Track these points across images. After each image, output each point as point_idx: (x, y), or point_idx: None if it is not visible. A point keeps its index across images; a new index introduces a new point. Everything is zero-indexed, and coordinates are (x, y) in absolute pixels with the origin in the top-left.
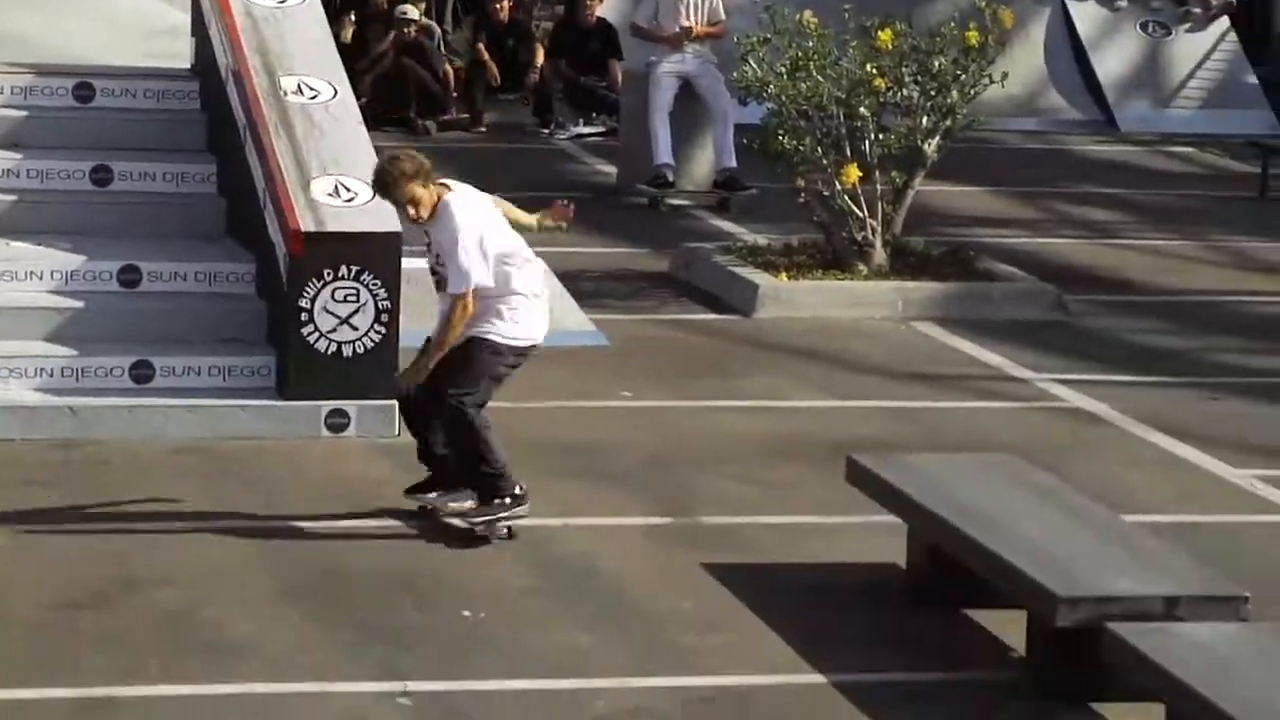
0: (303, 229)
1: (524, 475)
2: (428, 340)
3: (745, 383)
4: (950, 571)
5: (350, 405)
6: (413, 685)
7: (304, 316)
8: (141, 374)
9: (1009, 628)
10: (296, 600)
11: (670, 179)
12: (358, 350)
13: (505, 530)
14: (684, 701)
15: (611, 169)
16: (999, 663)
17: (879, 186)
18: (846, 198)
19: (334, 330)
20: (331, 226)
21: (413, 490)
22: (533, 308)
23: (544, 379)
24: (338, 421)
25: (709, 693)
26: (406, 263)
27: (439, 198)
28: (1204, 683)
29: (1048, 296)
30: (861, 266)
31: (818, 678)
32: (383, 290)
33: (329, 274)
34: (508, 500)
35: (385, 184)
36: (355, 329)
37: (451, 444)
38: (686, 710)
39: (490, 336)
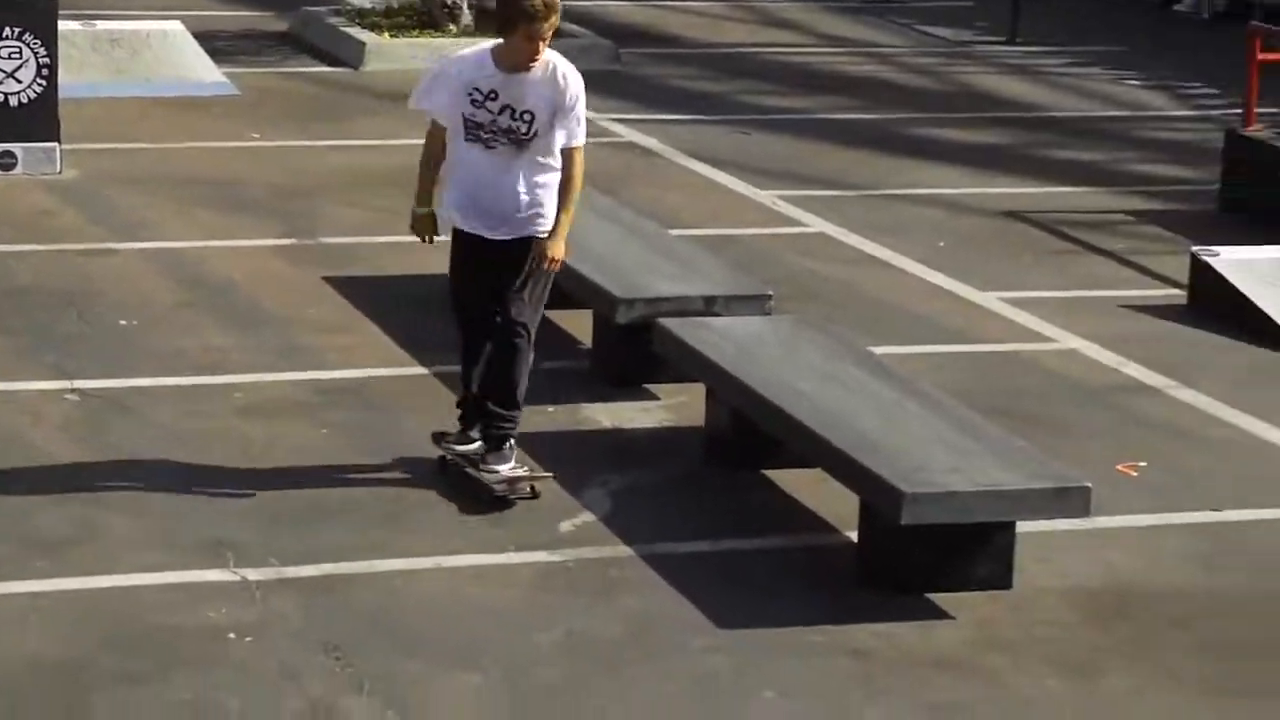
0: None
1: (171, 208)
2: (479, 240)
3: (356, 125)
4: None
5: (17, 147)
6: (80, 383)
7: None
8: None
9: (578, 324)
10: None
11: None
12: (22, 100)
13: (529, 489)
14: (313, 391)
15: None
16: (572, 354)
17: None
18: None
19: (1, 83)
20: None
21: (446, 438)
22: None
23: (183, 124)
24: (7, 161)
25: (332, 384)
26: (63, 25)
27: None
28: (735, 366)
29: (605, 49)
30: (451, 26)
31: (421, 370)
32: (43, 49)
33: None
34: (513, 442)
35: (539, 12)
36: (20, 82)
37: (500, 367)
38: (314, 398)
39: None
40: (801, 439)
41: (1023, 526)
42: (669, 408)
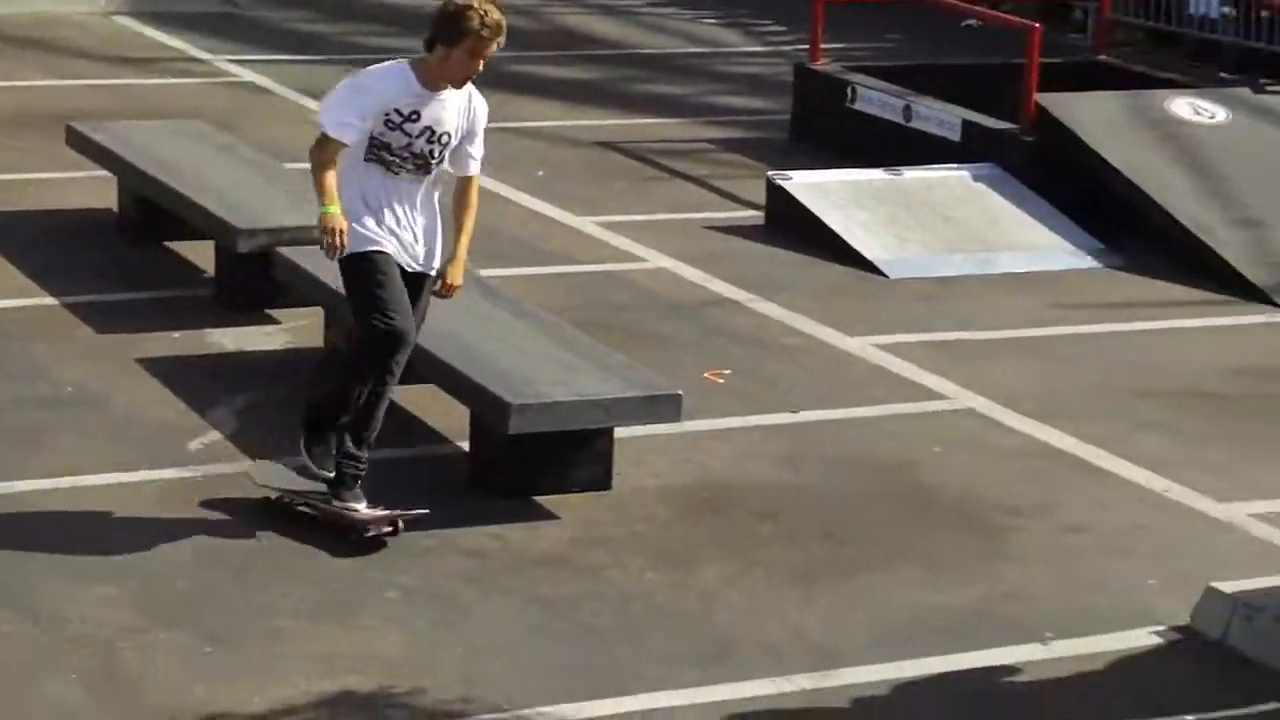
0: None
1: None
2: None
3: None
4: (153, 213)
5: None
6: None
7: None
8: None
9: (201, 255)
10: None
11: None
12: None
13: (391, 528)
14: None
15: None
16: (195, 282)
17: None
18: None
19: None
20: None
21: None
22: None
23: None
24: None
25: None
26: None
27: None
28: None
29: None
30: None
31: (51, 300)
32: None
33: None
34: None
35: (491, 29)
36: None
37: (371, 406)
38: None
39: None
40: (416, 356)
41: (621, 432)
42: (290, 330)
